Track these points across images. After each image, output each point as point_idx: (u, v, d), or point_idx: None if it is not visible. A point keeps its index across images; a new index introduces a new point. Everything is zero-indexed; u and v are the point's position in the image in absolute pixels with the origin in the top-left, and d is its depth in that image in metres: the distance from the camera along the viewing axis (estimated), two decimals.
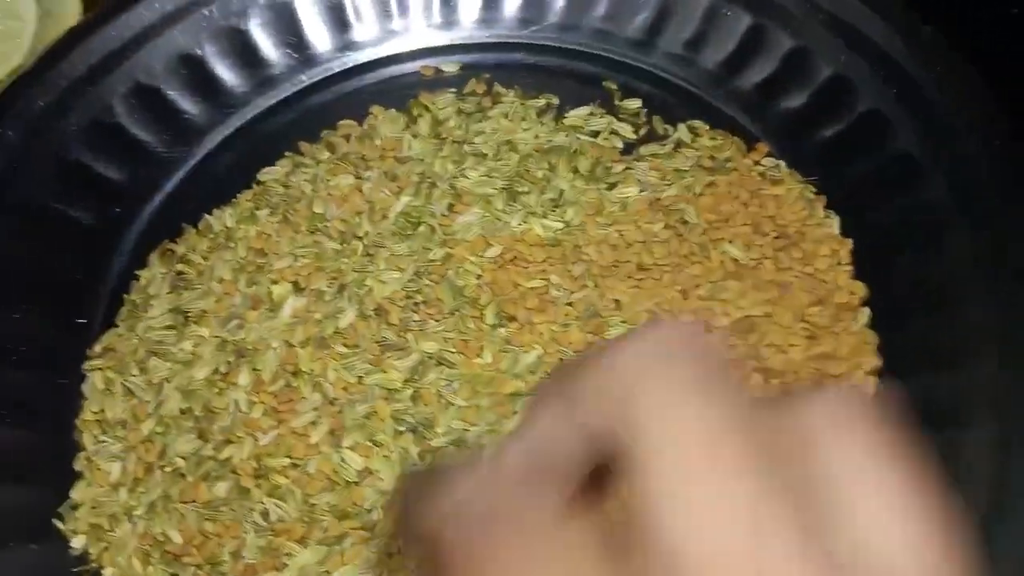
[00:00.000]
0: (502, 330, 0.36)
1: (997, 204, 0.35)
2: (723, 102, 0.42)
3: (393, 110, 0.43)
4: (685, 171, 0.40)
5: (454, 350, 0.36)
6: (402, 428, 0.34)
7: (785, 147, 0.41)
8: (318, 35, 0.44)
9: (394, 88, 0.44)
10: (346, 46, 0.45)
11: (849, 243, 0.38)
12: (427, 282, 0.37)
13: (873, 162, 0.39)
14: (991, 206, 0.35)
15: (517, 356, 0.36)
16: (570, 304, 0.37)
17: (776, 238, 0.38)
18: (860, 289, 0.36)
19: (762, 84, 0.42)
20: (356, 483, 0.33)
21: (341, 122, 0.43)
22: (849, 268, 0.37)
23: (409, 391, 0.35)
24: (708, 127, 0.42)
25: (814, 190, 0.39)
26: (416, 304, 0.37)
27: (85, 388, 0.36)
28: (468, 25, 0.45)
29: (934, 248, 0.36)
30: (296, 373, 0.35)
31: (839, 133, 0.40)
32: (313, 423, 0.34)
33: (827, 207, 0.39)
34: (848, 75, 0.40)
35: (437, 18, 0.45)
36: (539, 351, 0.36)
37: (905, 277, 0.36)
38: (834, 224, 0.38)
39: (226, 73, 0.43)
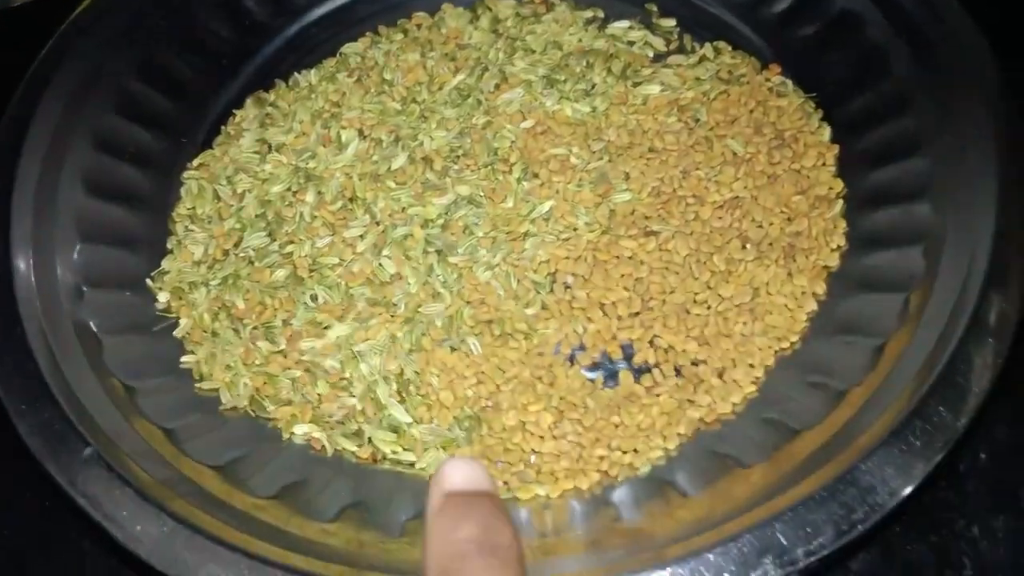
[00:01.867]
0: (525, 184, 0.43)
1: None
2: (747, 28, 0.48)
3: (460, 8, 0.50)
4: (703, 80, 0.46)
5: (483, 195, 0.43)
6: (430, 249, 0.41)
7: (796, 69, 0.46)
8: None
9: None
10: None
11: (836, 148, 0.43)
12: (468, 140, 0.44)
13: (871, 87, 0.44)
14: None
15: (534, 205, 0.42)
16: (585, 171, 0.43)
17: (772, 139, 0.44)
18: (838, 185, 0.42)
19: (783, 13, 0.48)
20: (388, 283, 0.40)
21: (416, 13, 0.50)
22: (833, 168, 0.43)
23: (441, 222, 0.42)
24: (731, 47, 0.48)
25: (814, 105, 0.45)
26: (457, 157, 0.44)
27: (182, 191, 0.44)
28: None
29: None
30: (352, 198, 0.43)
31: (843, 59, 0.45)
32: (361, 236, 0.42)
33: (823, 119, 0.45)
34: (856, 9, 0.45)
35: None
36: (552, 203, 0.42)
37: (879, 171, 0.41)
38: (825, 132, 0.44)
39: None
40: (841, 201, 0.42)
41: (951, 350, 0.33)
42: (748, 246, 0.41)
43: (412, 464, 0.36)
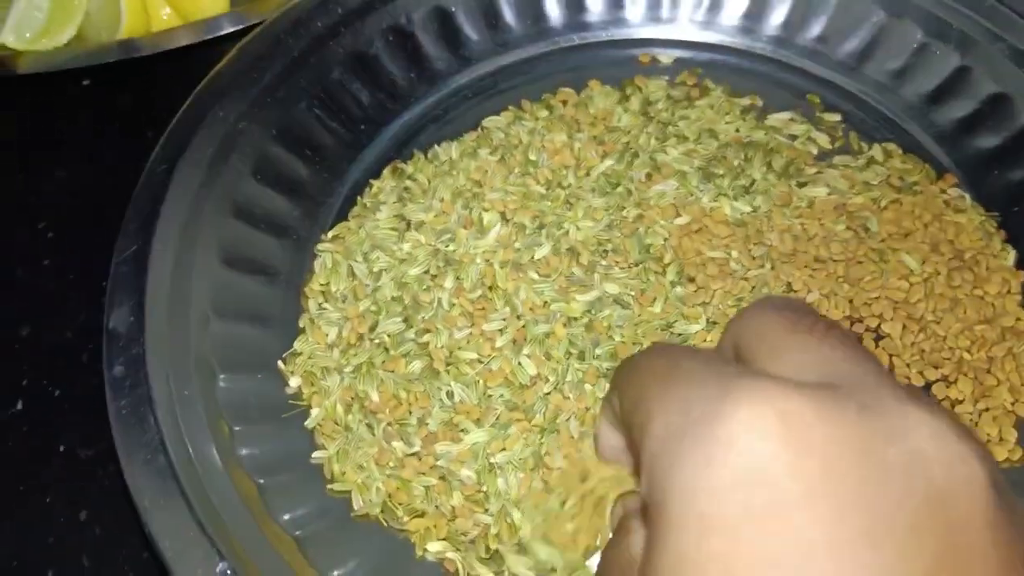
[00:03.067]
0: (679, 288, 0.40)
1: None
2: (919, 131, 0.45)
3: (609, 86, 0.48)
4: (873, 185, 0.43)
5: (632, 295, 0.40)
6: (573, 350, 0.38)
7: (973, 181, 0.43)
8: (555, 11, 0.50)
9: (612, 68, 0.49)
10: (577, 25, 0.50)
11: (1022, 276, 0.40)
12: (618, 234, 0.42)
13: None
14: None
15: (682, 321, 0.39)
16: (745, 279, 0.40)
17: (951, 259, 0.40)
18: None
19: (960, 121, 0.44)
20: (528, 385, 0.38)
21: (562, 89, 0.48)
22: (1019, 298, 0.39)
23: (585, 320, 0.39)
24: (901, 151, 0.45)
25: (995, 224, 0.42)
26: (605, 251, 0.41)
27: (316, 264, 0.42)
28: (689, 24, 0.50)
29: None
30: (492, 287, 0.40)
31: None
32: (500, 331, 0.39)
33: (1005, 242, 0.41)
34: None
35: (663, 12, 0.50)
36: (700, 327, 0.39)
37: None
38: (1009, 257, 0.40)
39: (471, 31, 0.49)
40: None
41: None
42: (926, 372, 0.37)
43: None
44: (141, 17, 0.51)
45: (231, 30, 0.50)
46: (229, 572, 0.29)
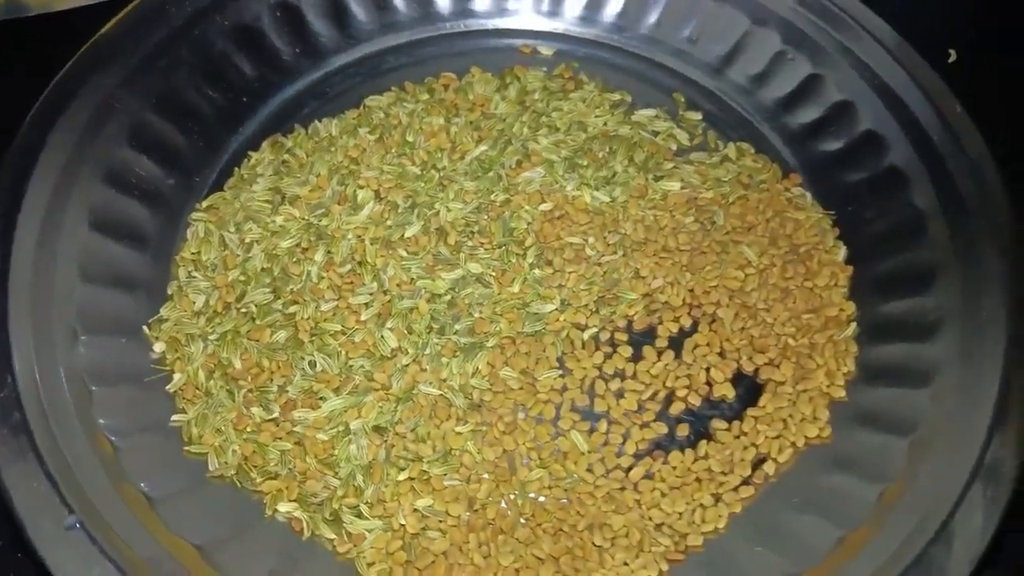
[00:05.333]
0: (537, 271, 0.43)
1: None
2: (771, 132, 0.49)
3: (489, 74, 0.50)
4: (724, 181, 0.46)
5: (493, 275, 0.42)
6: (435, 325, 0.41)
7: (815, 181, 0.47)
8: None
9: (495, 55, 0.51)
10: (464, 12, 0.52)
11: (849, 270, 0.43)
12: (485, 217, 0.44)
13: (889, 211, 0.44)
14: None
15: (538, 301, 0.42)
16: (599, 264, 0.43)
17: (787, 252, 0.44)
18: (850, 308, 0.42)
19: (809, 125, 0.48)
20: (388, 357, 0.39)
21: (444, 73, 0.50)
22: (845, 290, 0.43)
23: (448, 297, 0.41)
24: (754, 150, 0.48)
25: (831, 222, 0.45)
26: (472, 232, 0.44)
27: (188, 232, 0.43)
28: (570, 19, 0.52)
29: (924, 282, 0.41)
30: (362, 263, 0.42)
31: (864, 179, 0.45)
32: (366, 304, 0.41)
33: (838, 238, 0.45)
34: (882, 133, 0.45)
35: (546, 6, 0.52)
36: (554, 307, 0.41)
37: (890, 306, 0.42)
38: (840, 252, 0.44)
39: (359, 9, 0.50)
40: (854, 324, 0.42)
41: (952, 500, 0.33)
42: (755, 358, 0.41)
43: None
44: None
45: None
46: (78, 525, 0.31)
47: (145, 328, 0.40)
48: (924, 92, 0.45)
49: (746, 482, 0.38)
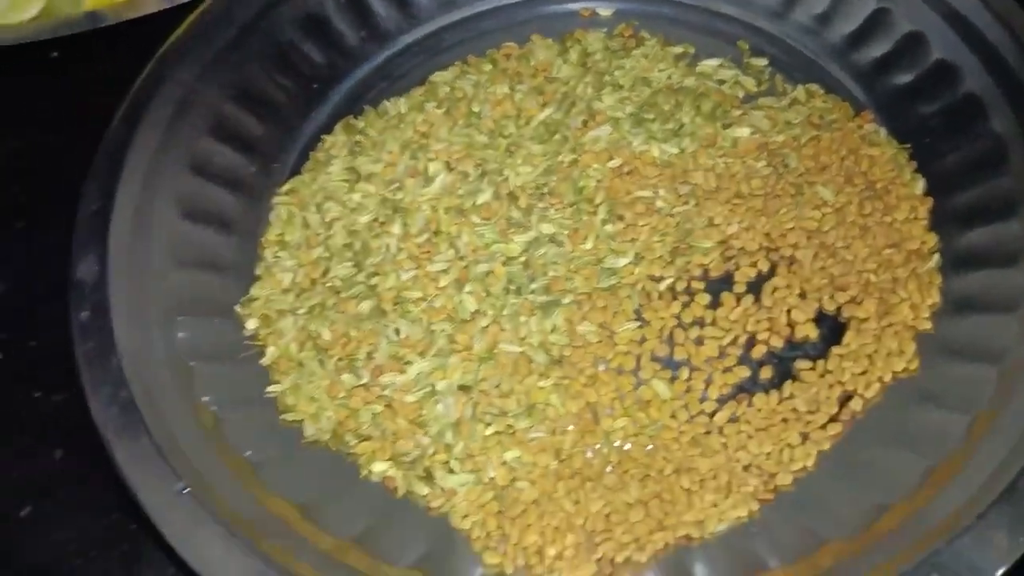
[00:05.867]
0: (609, 226, 0.43)
1: None
2: (840, 71, 0.48)
3: (550, 39, 0.50)
4: (795, 124, 0.46)
5: (566, 234, 0.43)
6: (511, 286, 0.41)
7: (888, 116, 0.46)
8: None
9: (554, 22, 0.52)
10: None
11: (929, 201, 0.42)
12: (554, 178, 0.44)
13: (967, 141, 0.43)
14: None
15: (611, 256, 0.42)
16: (671, 215, 0.43)
17: (863, 189, 0.43)
18: (932, 240, 0.41)
19: (878, 60, 0.47)
20: (468, 320, 0.40)
21: (505, 44, 0.50)
22: (925, 222, 0.42)
23: (523, 259, 0.42)
24: (823, 91, 0.47)
25: (907, 155, 0.44)
26: (542, 194, 0.44)
27: (272, 216, 0.45)
28: None
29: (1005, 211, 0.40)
30: (437, 232, 0.43)
31: (939, 110, 0.44)
32: (444, 271, 0.42)
33: (915, 171, 0.44)
34: (955, 61, 0.44)
35: None
36: (628, 260, 0.42)
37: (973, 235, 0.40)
38: (918, 185, 0.43)
39: None
40: (937, 255, 0.41)
41: None
42: (836, 296, 0.40)
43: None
44: None
45: None
46: (187, 490, 0.33)
47: (237, 308, 0.42)
48: (995, 15, 0.44)
49: (833, 419, 0.37)
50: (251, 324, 0.41)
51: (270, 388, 0.39)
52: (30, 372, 0.42)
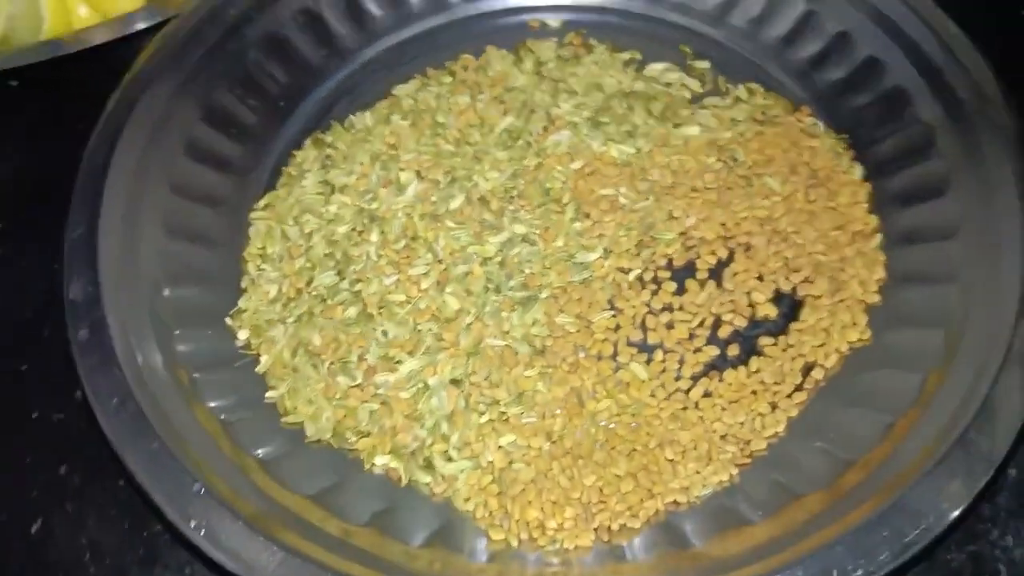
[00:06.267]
0: (577, 224, 0.46)
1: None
2: (777, 69, 0.51)
3: (504, 50, 0.53)
4: (740, 121, 0.49)
5: (538, 233, 0.45)
6: (490, 285, 0.44)
7: (825, 109, 0.50)
8: None
9: (506, 34, 0.54)
10: None
11: (868, 186, 0.46)
12: (522, 181, 0.47)
13: (898, 128, 0.47)
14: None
15: (582, 252, 0.45)
16: (634, 211, 0.46)
17: (808, 177, 0.47)
18: (873, 221, 0.45)
19: (811, 58, 0.51)
20: (452, 319, 0.43)
21: (462, 56, 0.53)
22: (866, 205, 0.46)
23: (498, 259, 0.44)
24: (763, 88, 0.51)
25: (845, 145, 0.48)
26: (512, 197, 0.47)
27: (251, 231, 0.46)
28: None
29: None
30: (415, 238, 0.45)
31: (870, 102, 0.48)
32: (425, 274, 0.44)
33: (853, 159, 0.48)
34: (881, 57, 0.48)
35: None
36: (598, 255, 0.45)
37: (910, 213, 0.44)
38: (857, 171, 0.47)
39: (374, 7, 0.54)
40: (879, 235, 0.45)
41: (989, 383, 0.36)
42: (791, 277, 0.44)
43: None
44: (63, 17, 0.53)
45: (149, 24, 0.53)
46: (203, 490, 0.34)
47: (228, 319, 0.43)
48: (917, 14, 0.48)
49: (798, 388, 0.41)
50: (242, 335, 0.43)
51: (268, 394, 0.41)
52: (26, 394, 0.42)
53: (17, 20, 0.54)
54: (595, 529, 0.36)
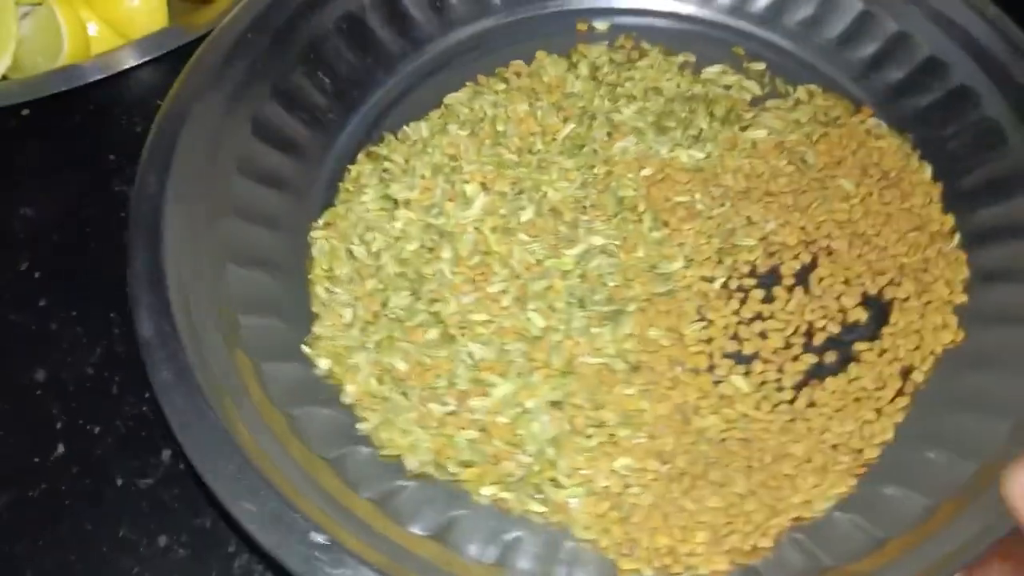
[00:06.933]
0: (656, 233, 0.44)
1: None
2: (834, 71, 0.51)
3: (555, 55, 0.51)
4: (804, 122, 0.48)
5: (617, 244, 0.44)
6: (573, 299, 0.42)
7: (886, 110, 0.49)
8: None
9: (554, 38, 0.53)
10: (516, 3, 0.53)
11: (939, 187, 0.46)
12: (593, 191, 0.46)
13: (965, 128, 0.47)
14: None
15: (664, 262, 0.44)
16: (711, 217, 0.45)
17: (879, 179, 0.46)
18: (950, 221, 0.45)
19: (869, 58, 0.50)
20: (540, 337, 0.41)
21: (512, 61, 0.51)
22: (939, 205, 0.45)
23: (578, 272, 0.43)
24: (822, 90, 0.50)
25: (911, 145, 0.48)
26: (584, 208, 0.45)
27: (314, 251, 0.44)
28: None
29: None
30: (488, 253, 0.43)
31: (934, 102, 0.48)
32: (503, 291, 0.42)
33: (921, 159, 0.47)
34: (944, 57, 0.48)
35: None
36: (680, 265, 0.44)
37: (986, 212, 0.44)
38: (927, 171, 0.47)
39: (417, 12, 0.52)
40: (957, 235, 0.44)
41: None
42: (877, 280, 0.43)
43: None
44: (82, 39, 0.50)
45: (176, 46, 0.51)
46: (324, 541, 0.32)
47: (304, 347, 0.41)
48: (977, 12, 0.48)
49: (900, 393, 0.40)
50: (323, 364, 0.40)
51: (359, 426, 0.39)
52: (103, 460, 0.39)
53: (30, 42, 0.50)
54: (727, 552, 0.35)
